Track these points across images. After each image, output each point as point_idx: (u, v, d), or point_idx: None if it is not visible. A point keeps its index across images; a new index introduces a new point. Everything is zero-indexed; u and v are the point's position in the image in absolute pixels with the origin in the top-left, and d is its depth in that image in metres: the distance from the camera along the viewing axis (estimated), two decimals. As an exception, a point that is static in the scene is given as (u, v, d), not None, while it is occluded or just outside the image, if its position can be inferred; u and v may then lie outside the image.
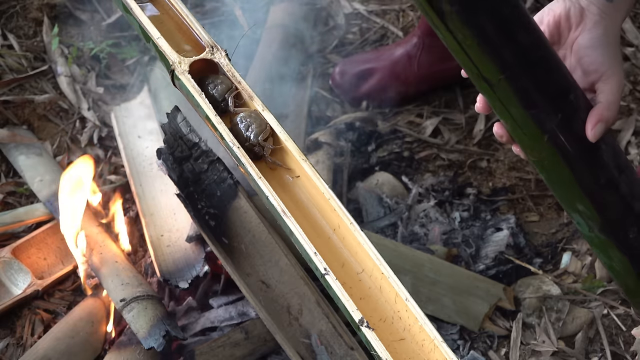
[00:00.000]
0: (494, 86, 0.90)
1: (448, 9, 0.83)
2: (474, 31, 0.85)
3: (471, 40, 0.86)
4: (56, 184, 1.65)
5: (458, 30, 0.85)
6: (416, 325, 1.04)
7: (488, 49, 0.87)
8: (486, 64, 0.88)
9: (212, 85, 1.17)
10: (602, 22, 1.02)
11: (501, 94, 0.91)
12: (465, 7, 0.83)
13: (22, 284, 1.55)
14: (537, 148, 0.97)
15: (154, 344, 1.37)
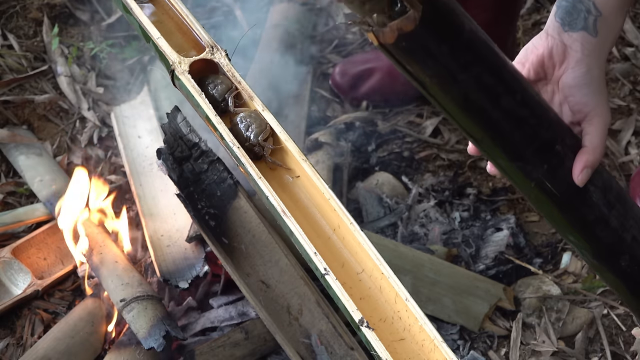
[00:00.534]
0: (479, 142, 0.93)
1: (427, 80, 0.85)
2: (453, 98, 0.87)
3: (451, 104, 0.88)
4: (56, 184, 1.65)
5: (437, 95, 0.87)
6: (416, 325, 1.04)
7: (469, 113, 0.89)
8: (468, 123, 0.90)
9: (212, 85, 1.17)
10: (584, 60, 1.02)
11: (487, 148, 0.93)
12: (443, 80, 0.85)
13: (22, 284, 1.55)
14: (525, 190, 1.00)
15: (154, 344, 1.37)
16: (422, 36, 0.81)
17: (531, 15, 2.07)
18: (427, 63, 0.83)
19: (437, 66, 0.84)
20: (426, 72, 0.84)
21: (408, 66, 0.84)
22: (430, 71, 0.84)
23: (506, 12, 1.81)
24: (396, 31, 0.80)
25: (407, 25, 0.79)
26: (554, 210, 1.02)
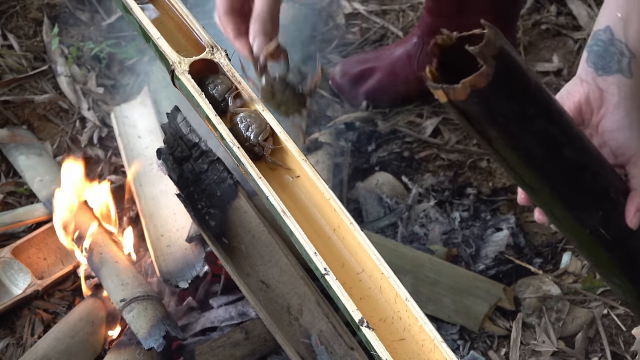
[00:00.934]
0: (537, 191, 0.93)
1: (494, 134, 0.86)
2: (518, 152, 0.88)
3: (515, 158, 0.89)
4: (56, 184, 1.65)
5: (502, 150, 0.88)
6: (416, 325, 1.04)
7: (532, 165, 0.90)
8: (530, 175, 0.91)
9: (212, 85, 1.18)
10: (622, 103, 1.01)
11: (544, 199, 0.94)
12: (510, 135, 0.86)
13: (22, 284, 1.55)
14: (577, 238, 1.02)
15: (154, 344, 1.37)
16: (494, 92, 0.82)
17: (531, 15, 2.07)
18: (496, 119, 0.84)
19: (505, 122, 0.85)
20: (494, 128, 0.85)
21: (476, 123, 0.84)
22: (498, 127, 0.85)
23: (506, 13, 1.82)
24: (469, 88, 0.81)
25: (481, 82, 0.80)
26: (603, 255, 1.03)
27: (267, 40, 1.07)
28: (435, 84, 0.82)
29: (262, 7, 1.04)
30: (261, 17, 1.05)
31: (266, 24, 1.05)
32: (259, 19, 1.05)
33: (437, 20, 1.80)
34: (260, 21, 1.05)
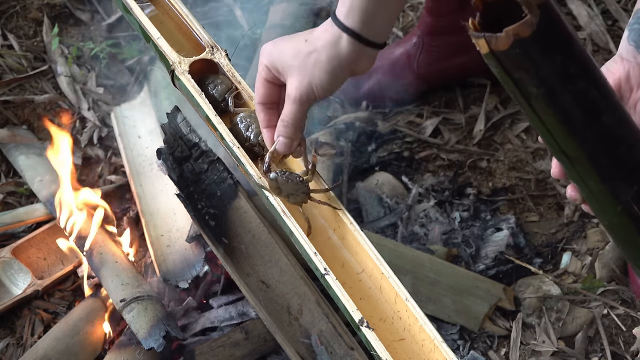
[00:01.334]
0: (573, 161, 0.92)
1: (534, 91, 0.84)
2: (557, 113, 0.86)
3: (554, 119, 0.87)
4: (56, 184, 1.65)
5: (541, 110, 0.86)
6: (416, 325, 1.04)
7: (571, 129, 0.88)
8: (567, 141, 0.89)
9: (212, 85, 1.18)
10: None
11: (580, 169, 0.93)
12: (551, 91, 0.84)
13: (22, 284, 1.55)
14: (609, 215, 1.00)
15: (154, 344, 1.37)
16: (537, 43, 0.81)
17: (531, 15, 2.07)
18: (537, 73, 0.83)
19: (547, 76, 0.83)
20: (534, 83, 0.84)
21: (517, 76, 0.84)
22: (539, 82, 0.84)
23: (506, 12, 1.81)
24: (512, 37, 0.80)
25: (524, 31, 0.79)
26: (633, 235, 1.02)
27: (290, 143, 1.11)
28: (477, 33, 0.82)
29: (288, 112, 1.08)
30: (285, 121, 1.09)
31: (289, 129, 1.09)
32: (283, 122, 1.10)
33: (437, 20, 1.80)
34: (285, 124, 1.10)
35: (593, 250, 1.67)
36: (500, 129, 1.88)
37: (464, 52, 1.85)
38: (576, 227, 1.71)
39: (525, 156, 1.82)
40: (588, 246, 1.68)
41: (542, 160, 1.82)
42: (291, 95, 1.06)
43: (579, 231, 1.71)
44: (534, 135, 1.86)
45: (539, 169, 1.80)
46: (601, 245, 1.66)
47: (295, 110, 1.07)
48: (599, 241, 1.68)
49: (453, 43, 1.83)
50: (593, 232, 1.69)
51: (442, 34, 1.82)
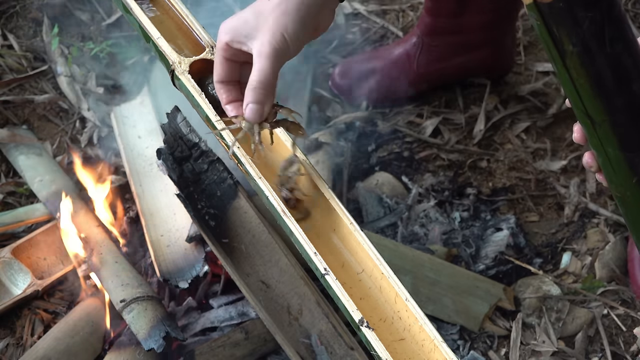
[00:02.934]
0: (596, 125, 0.92)
1: (570, 48, 0.85)
2: (590, 73, 0.87)
3: (585, 80, 0.88)
4: (56, 184, 1.65)
5: (574, 69, 0.87)
6: (416, 325, 1.04)
7: (600, 92, 0.89)
8: (594, 104, 0.90)
9: (212, 85, 1.17)
10: None
11: (602, 134, 0.93)
12: (587, 50, 0.85)
13: (22, 284, 1.55)
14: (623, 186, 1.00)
15: (154, 345, 1.37)
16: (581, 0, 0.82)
17: (531, 15, 2.07)
18: (577, 30, 0.84)
19: (586, 35, 0.84)
20: (572, 40, 0.84)
21: (556, 31, 0.84)
22: (577, 39, 0.84)
23: (506, 13, 1.82)
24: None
25: None
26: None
27: (261, 109, 1.05)
28: None
29: (258, 72, 1.03)
30: (254, 83, 1.03)
31: (259, 91, 1.03)
32: (252, 85, 1.04)
33: (436, 20, 1.80)
34: (253, 87, 1.04)
35: (593, 250, 1.67)
36: (500, 129, 1.88)
37: (463, 52, 1.85)
38: (576, 227, 1.71)
39: (525, 156, 1.82)
40: (588, 246, 1.68)
41: (542, 160, 1.82)
42: (263, 52, 1.02)
43: (579, 231, 1.71)
44: (534, 135, 1.86)
45: (539, 169, 1.80)
46: (601, 246, 1.66)
47: (267, 67, 1.02)
48: (599, 241, 1.68)
49: (453, 43, 1.83)
50: (593, 232, 1.70)
51: (442, 34, 1.82)
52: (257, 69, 1.03)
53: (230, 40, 1.05)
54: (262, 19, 1.02)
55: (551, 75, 1.96)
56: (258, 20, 1.03)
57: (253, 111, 1.05)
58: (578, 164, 1.81)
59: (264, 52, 1.02)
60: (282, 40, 1.02)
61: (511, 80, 1.95)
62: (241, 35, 1.04)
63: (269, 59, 1.02)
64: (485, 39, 1.83)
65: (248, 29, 1.03)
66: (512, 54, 1.93)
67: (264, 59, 1.02)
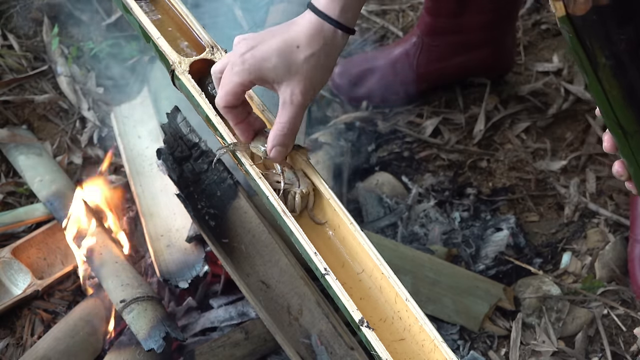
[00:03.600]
0: (628, 135, 0.93)
1: (603, 61, 0.86)
2: (622, 85, 0.87)
3: (617, 92, 0.88)
4: (56, 184, 1.65)
5: (607, 81, 0.87)
6: (416, 325, 1.04)
7: (632, 103, 0.89)
8: (626, 115, 0.90)
9: (212, 85, 1.17)
10: None
11: (634, 144, 0.94)
12: (620, 63, 0.86)
13: (22, 284, 1.55)
14: None
15: (154, 345, 1.37)
16: (615, 13, 0.82)
17: (531, 15, 2.07)
18: (610, 43, 0.84)
19: (618, 48, 0.84)
20: (604, 53, 0.85)
21: (588, 43, 0.84)
22: (610, 52, 0.84)
23: (506, 13, 1.82)
24: (591, 2, 0.80)
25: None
26: None
27: (286, 151, 1.10)
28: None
29: (289, 119, 1.07)
30: (286, 129, 1.07)
31: (289, 136, 1.08)
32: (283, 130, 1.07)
33: (436, 20, 1.80)
34: (284, 133, 1.07)
35: (593, 250, 1.67)
36: (500, 129, 1.88)
37: (463, 51, 1.85)
38: (576, 227, 1.71)
39: (525, 156, 1.82)
40: (588, 246, 1.68)
41: (542, 160, 1.82)
42: (295, 101, 1.05)
43: (579, 231, 1.71)
44: (534, 135, 1.86)
45: (539, 169, 1.80)
46: (601, 246, 1.66)
47: (298, 116, 1.06)
48: (599, 241, 1.68)
49: (453, 43, 1.83)
50: (593, 232, 1.70)
51: (442, 33, 1.82)
52: (288, 116, 1.07)
53: (255, 79, 1.07)
54: (293, 68, 1.05)
55: (551, 75, 1.96)
56: (289, 68, 1.05)
57: (280, 153, 1.09)
58: (578, 164, 1.81)
59: (296, 101, 1.06)
60: (312, 91, 1.06)
61: (511, 80, 1.95)
62: (267, 78, 1.06)
63: (300, 108, 1.06)
64: (485, 39, 1.83)
65: (276, 76, 1.06)
66: (512, 54, 1.93)
67: (296, 108, 1.06)
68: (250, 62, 1.06)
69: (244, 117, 1.11)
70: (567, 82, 1.94)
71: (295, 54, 1.05)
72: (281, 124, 1.07)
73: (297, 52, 1.05)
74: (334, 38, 1.05)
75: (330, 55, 1.05)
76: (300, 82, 1.05)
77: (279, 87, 1.06)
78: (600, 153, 1.81)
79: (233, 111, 1.10)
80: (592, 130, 1.85)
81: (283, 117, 1.07)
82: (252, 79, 1.07)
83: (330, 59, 1.06)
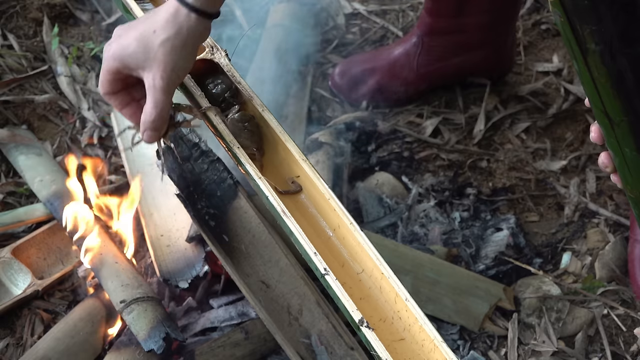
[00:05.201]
0: (614, 124, 0.93)
1: (592, 47, 0.86)
2: (611, 73, 0.88)
3: (606, 79, 0.88)
4: (56, 184, 1.65)
5: (595, 67, 0.88)
6: (416, 325, 1.04)
7: (619, 92, 0.89)
8: (613, 103, 0.90)
9: (212, 85, 1.18)
10: None
11: (619, 134, 0.94)
12: (609, 49, 0.86)
13: (22, 284, 1.55)
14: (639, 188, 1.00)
15: (154, 346, 1.37)
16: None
17: (531, 15, 2.07)
18: (600, 29, 0.84)
19: (608, 34, 0.84)
20: (594, 39, 0.85)
21: (579, 28, 0.85)
22: (600, 38, 0.85)
23: (506, 13, 1.82)
24: None
25: None
26: None
27: (158, 134, 1.12)
28: None
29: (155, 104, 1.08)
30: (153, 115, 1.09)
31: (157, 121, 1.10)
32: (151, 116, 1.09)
33: (436, 21, 1.80)
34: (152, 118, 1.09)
35: (593, 250, 1.67)
36: (500, 129, 1.88)
37: (463, 52, 1.85)
38: (576, 227, 1.71)
39: (525, 156, 1.82)
40: (588, 246, 1.68)
41: (542, 160, 1.82)
42: (157, 86, 1.07)
43: (579, 231, 1.71)
44: (534, 135, 1.86)
45: (539, 169, 1.80)
46: (601, 246, 1.66)
47: (164, 100, 1.08)
48: (599, 241, 1.68)
49: (453, 43, 1.83)
50: (593, 232, 1.70)
51: (442, 34, 1.82)
52: (153, 101, 1.08)
53: (119, 66, 1.09)
54: (150, 53, 1.06)
55: (551, 75, 1.96)
56: (146, 54, 1.06)
57: (151, 137, 1.12)
58: (578, 164, 1.81)
59: (158, 86, 1.07)
60: (173, 74, 1.07)
61: (511, 80, 1.95)
62: (130, 64, 1.08)
63: (162, 92, 1.07)
64: (485, 39, 1.83)
65: (136, 61, 1.07)
66: (512, 54, 1.93)
67: (159, 92, 1.07)
68: (113, 50, 1.09)
69: (127, 100, 1.13)
70: (567, 82, 1.94)
71: (152, 39, 1.06)
72: (147, 110, 1.09)
73: (153, 37, 1.06)
74: (189, 21, 1.05)
75: (188, 40, 1.06)
76: (160, 66, 1.06)
77: (142, 74, 1.08)
78: (600, 153, 1.81)
79: (113, 97, 1.12)
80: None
81: (148, 103, 1.08)
82: (117, 65, 1.09)
83: (188, 44, 1.06)
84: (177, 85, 1.09)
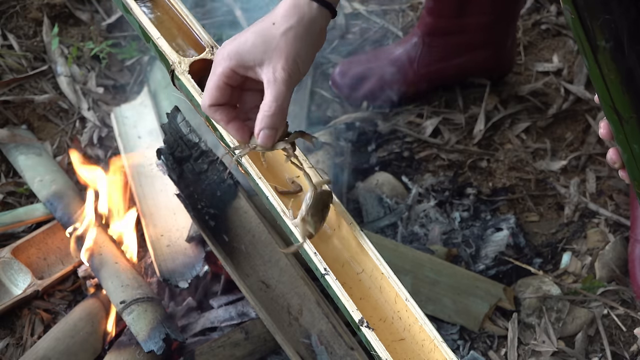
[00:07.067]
0: (623, 121, 0.93)
1: (602, 44, 0.86)
2: (621, 70, 0.88)
3: (615, 76, 0.89)
4: (56, 184, 1.65)
5: (605, 64, 0.88)
6: (416, 325, 1.04)
7: (629, 88, 0.90)
8: (622, 100, 0.91)
9: (212, 85, 1.17)
10: None
11: (628, 130, 0.94)
12: (619, 46, 0.86)
13: (22, 284, 1.55)
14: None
15: (154, 347, 1.37)
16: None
17: (531, 15, 2.07)
18: (610, 25, 0.85)
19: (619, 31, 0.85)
20: (604, 36, 0.85)
21: (590, 25, 0.85)
22: (610, 35, 0.85)
23: (506, 13, 1.82)
24: None
25: None
26: None
27: (275, 134, 1.04)
28: None
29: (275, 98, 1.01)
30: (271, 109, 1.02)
31: (275, 117, 1.02)
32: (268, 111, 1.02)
33: (437, 21, 1.80)
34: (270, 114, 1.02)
35: (593, 250, 1.67)
36: (500, 129, 1.88)
37: (464, 52, 1.85)
38: (576, 227, 1.71)
39: (525, 156, 1.82)
40: (588, 246, 1.68)
41: (542, 160, 1.82)
42: (278, 78, 1.01)
43: (579, 231, 1.71)
44: (534, 135, 1.86)
45: (539, 169, 1.80)
46: (601, 246, 1.66)
47: (283, 93, 1.01)
48: (599, 241, 1.68)
49: (453, 43, 1.83)
50: (593, 232, 1.70)
51: (442, 34, 1.82)
52: (274, 95, 1.02)
53: (235, 65, 1.03)
54: (271, 44, 1.01)
55: (551, 75, 1.96)
56: (266, 45, 1.01)
57: (268, 137, 1.04)
58: (578, 164, 1.81)
59: (279, 78, 1.01)
60: (295, 66, 1.02)
61: (511, 80, 1.95)
62: (247, 61, 1.03)
63: (284, 84, 1.01)
64: (485, 40, 1.83)
65: (254, 56, 1.02)
66: (512, 54, 1.93)
67: (280, 85, 1.01)
68: (229, 49, 1.04)
69: (233, 115, 1.07)
70: (567, 82, 1.94)
71: (272, 30, 1.02)
72: (266, 104, 1.02)
73: (273, 28, 1.02)
74: (310, 11, 1.02)
75: (310, 30, 1.01)
76: (281, 57, 1.01)
77: (261, 70, 1.03)
78: (600, 153, 1.81)
79: (219, 110, 1.06)
80: (592, 130, 1.85)
81: (268, 97, 1.02)
82: (232, 65, 1.03)
83: (310, 33, 1.01)
84: (298, 80, 1.03)
